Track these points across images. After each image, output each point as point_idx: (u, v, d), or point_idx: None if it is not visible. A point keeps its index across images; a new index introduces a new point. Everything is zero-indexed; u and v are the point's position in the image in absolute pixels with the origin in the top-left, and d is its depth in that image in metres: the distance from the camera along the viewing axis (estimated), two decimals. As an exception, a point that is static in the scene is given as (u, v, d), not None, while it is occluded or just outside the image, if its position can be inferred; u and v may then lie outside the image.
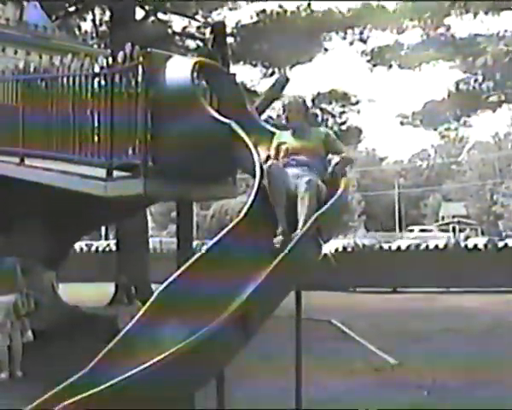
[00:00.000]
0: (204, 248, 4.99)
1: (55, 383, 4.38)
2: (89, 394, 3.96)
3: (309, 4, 22.93)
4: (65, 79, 8.50)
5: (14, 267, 10.41)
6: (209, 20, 23.20)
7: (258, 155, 5.79)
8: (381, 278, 21.94)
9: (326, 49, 24.89)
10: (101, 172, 7.85)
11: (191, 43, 23.75)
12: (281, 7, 23.12)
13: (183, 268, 4.87)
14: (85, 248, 28.85)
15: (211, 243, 4.99)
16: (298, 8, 23.17)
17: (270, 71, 24.14)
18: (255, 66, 24.31)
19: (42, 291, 11.51)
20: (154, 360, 4.11)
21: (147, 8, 22.54)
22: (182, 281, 4.79)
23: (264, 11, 23.19)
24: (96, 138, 7.85)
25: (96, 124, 7.86)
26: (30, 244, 11.82)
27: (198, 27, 23.27)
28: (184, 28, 23.76)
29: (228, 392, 5.53)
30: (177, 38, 23.70)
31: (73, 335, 11.31)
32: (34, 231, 12.60)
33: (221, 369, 5.00)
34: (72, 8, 23.09)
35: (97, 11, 24.45)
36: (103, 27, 24.47)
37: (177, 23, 24.30)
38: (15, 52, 13.47)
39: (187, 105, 6.52)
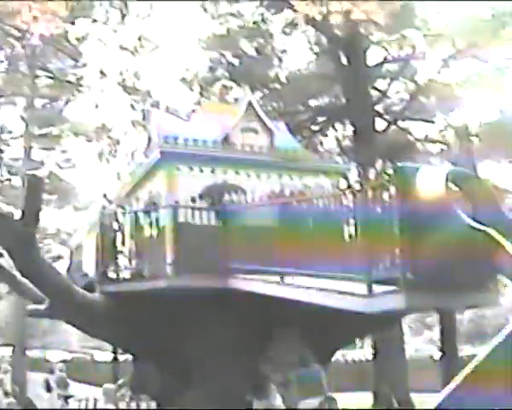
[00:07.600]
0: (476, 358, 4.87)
1: None
2: None
3: None
4: (320, 200, 8.94)
5: (320, 374, 11.64)
6: (449, 120, 23.12)
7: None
8: None
9: None
10: (360, 285, 8.04)
11: (434, 148, 23.73)
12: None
13: (458, 380, 4.79)
14: (341, 359, 28.84)
15: (485, 352, 4.86)
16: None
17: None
18: (499, 162, 23.65)
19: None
20: None
21: (387, 117, 23.12)
22: (458, 393, 4.73)
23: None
24: (353, 253, 8.07)
25: (354, 239, 8.11)
26: (289, 354, 12.30)
27: (440, 131, 23.25)
28: (426, 135, 23.85)
29: None
30: (418, 143, 23.84)
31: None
32: (293, 342, 13.01)
33: None
34: (315, 128, 24.30)
35: (339, 127, 25.49)
36: (346, 142, 25.34)
37: (418, 128, 24.50)
38: (268, 177, 14.37)
39: (443, 214, 6.58)
